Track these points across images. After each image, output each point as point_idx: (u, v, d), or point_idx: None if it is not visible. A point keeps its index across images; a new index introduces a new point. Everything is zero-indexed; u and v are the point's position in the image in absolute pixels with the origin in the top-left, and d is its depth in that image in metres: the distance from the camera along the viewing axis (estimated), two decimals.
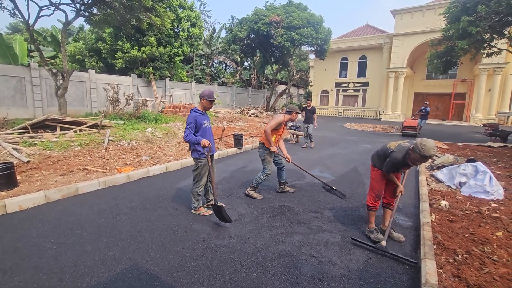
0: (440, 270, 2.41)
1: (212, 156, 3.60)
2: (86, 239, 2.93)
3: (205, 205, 3.77)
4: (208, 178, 3.62)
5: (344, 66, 28.42)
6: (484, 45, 9.55)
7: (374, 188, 3.12)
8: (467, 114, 22.47)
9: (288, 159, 4.29)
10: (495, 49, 9.70)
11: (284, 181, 4.50)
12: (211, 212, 3.60)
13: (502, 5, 7.58)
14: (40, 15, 9.10)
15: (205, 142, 3.21)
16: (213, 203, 3.32)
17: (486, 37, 9.18)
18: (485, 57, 10.35)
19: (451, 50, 10.20)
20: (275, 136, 4.21)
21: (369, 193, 3.19)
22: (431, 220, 3.39)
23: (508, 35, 9.04)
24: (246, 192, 4.34)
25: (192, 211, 3.66)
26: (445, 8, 9.86)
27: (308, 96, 32.15)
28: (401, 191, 2.97)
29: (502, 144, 9.31)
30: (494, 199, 4.14)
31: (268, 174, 4.23)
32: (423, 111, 13.45)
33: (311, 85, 30.98)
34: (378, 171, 3.09)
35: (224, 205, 3.32)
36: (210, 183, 3.64)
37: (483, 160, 6.72)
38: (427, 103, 14.28)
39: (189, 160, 6.29)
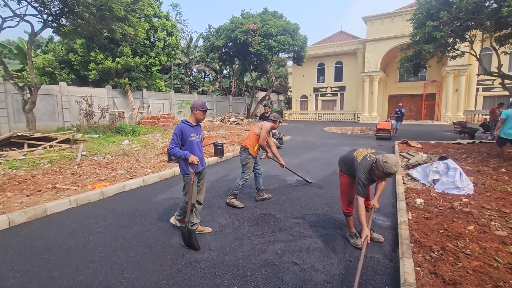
0: (418, 268, 2.45)
1: (201, 172, 3.33)
2: (54, 263, 2.72)
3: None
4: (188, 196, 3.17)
5: (321, 72, 29.23)
6: (448, 48, 10.16)
7: (345, 194, 3.10)
8: (438, 114, 23.70)
9: (283, 165, 4.57)
10: (459, 52, 10.34)
11: (262, 188, 4.48)
12: (209, 229, 3.41)
13: (462, 11, 8.12)
14: (3, 26, 8.64)
15: (194, 159, 2.97)
16: (184, 224, 3.03)
17: (450, 41, 9.78)
18: (450, 60, 11.01)
19: (419, 53, 10.75)
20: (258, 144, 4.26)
21: (341, 199, 3.16)
22: (408, 219, 3.47)
23: (469, 38, 9.68)
24: (227, 201, 4.26)
25: (171, 220, 3.57)
26: (412, 15, 10.43)
27: (288, 102, 32.62)
28: (366, 236, 2.52)
29: (471, 141, 9.86)
30: (465, 194, 4.33)
31: (247, 179, 4.23)
32: (398, 113, 13.31)
33: (291, 91, 31.53)
34: (346, 177, 3.08)
35: (194, 230, 3.05)
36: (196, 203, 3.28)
37: (454, 157, 7.06)
38: (401, 104, 14.09)
39: (167, 172, 6.11)
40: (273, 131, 5.19)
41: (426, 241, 2.93)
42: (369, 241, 2.56)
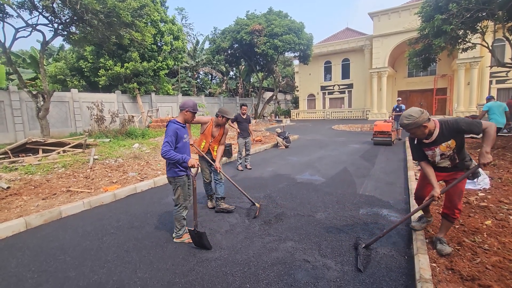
0: (434, 264, 2.39)
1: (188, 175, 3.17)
2: (69, 264, 2.78)
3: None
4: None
5: (328, 70, 28.99)
6: (459, 41, 9.90)
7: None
8: (450, 108, 23.13)
9: (218, 168, 3.83)
10: (470, 44, 10.07)
11: (220, 196, 3.99)
12: None
13: (472, 2, 7.91)
14: (16, 37, 8.93)
15: (193, 162, 2.87)
16: (193, 228, 2.94)
17: (460, 33, 9.53)
18: (461, 52, 10.72)
19: (428, 47, 10.52)
20: (204, 142, 3.98)
21: None
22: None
23: (480, 30, 9.42)
24: (216, 209, 4.02)
25: (175, 239, 3.15)
26: (419, 8, 10.22)
27: (296, 101, 32.45)
28: (433, 196, 2.45)
29: None
30: (481, 189, 4.21)
31: (203, 181, 4.12)
32: (397, 109, 10.61)
33: (298, 90, 31.39)
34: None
35: (205, 232, 2.94)
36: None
37: (468, 151, 6.85)
38: (400, 99, 11.16)
39: None
40: (280, 129, 4.78)
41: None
42: (435, 199, 2.46)
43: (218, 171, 3.88)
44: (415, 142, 2.58)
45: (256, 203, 4.09)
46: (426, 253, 2.49)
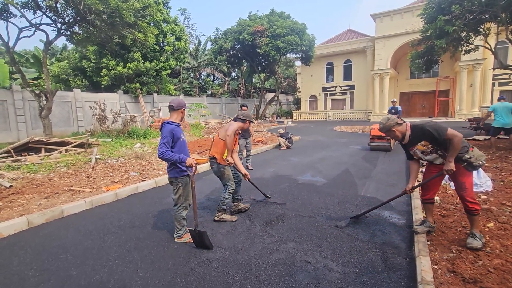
0: (435, 266, 2.38)
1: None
2: (71, 263, 2.79)
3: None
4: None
5: (330, 71, 28.97)
6: (462, 42, 9.87)
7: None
8: (452, 110, 23.04)
9: (247, 175, 3.83)
10: (472, 46, 10.02)
11: (239, 197, 3.99)
12: None
13: (475, 4, 7.89)
14: (20, 36, 8.98)
15: (191, 161, 2.90)
16: (194, 228, 2.92)
17: (463, 35, 9.49)
18: (464, 54, 10.69)
19: (431, 49, 10.48)
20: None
21: None
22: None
23: (483, 32, 9.38)
24: (216, 218, 3.69)
25: (176, 239, 3.16)
26: (422, 10, 10.20)
27: (297, 102, 32.44)
28: (405, 189, 2.96)
29: (487, 137, 9.52)
30: (483, 191, 4.19)
31: (232, 190, 3.71)
32: (393, 111, 9.95)
33: (299, 91, 31.39)
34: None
35: (205, 231, 2.92)
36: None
37: None
38: (395, 100, 10.70)
39: None
40: (282, 130, 4.78)
41: (444, 239, 2.84)
42: (407, 192, 2.98)
43: (247, 179, 3.89)
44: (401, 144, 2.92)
45: (268, 196, 4.47)
46: (428, 255, 2.48)
